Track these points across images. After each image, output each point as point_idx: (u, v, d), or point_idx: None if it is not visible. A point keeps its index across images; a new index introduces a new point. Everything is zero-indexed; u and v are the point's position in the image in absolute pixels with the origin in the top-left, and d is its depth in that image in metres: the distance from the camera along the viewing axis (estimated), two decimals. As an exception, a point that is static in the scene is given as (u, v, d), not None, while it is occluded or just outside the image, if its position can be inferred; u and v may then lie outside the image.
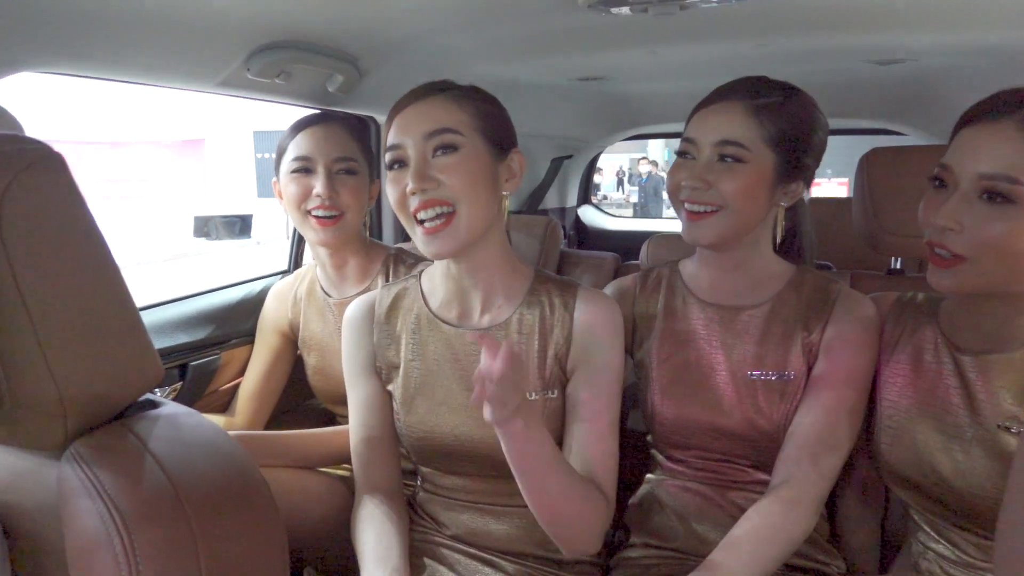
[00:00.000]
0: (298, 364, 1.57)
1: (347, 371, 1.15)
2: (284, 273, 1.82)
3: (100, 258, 0.66)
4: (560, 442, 1.04)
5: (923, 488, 0.98)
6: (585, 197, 3.53)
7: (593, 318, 1.04)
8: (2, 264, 0.58)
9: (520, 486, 0.92)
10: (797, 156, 1.05)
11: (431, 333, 1.08)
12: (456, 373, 1.06)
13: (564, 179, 3.14)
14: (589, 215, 3.50)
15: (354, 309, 1.15)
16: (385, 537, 1.02)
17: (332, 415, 1.60)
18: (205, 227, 11.11)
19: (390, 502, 1.09)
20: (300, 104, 1.51)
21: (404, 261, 1.46)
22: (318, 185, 1.34)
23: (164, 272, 9.65)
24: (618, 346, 1.06)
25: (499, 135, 1.02)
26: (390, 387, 1.12)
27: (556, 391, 1.04)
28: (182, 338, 1.48)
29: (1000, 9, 1.23)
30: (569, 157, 3.01)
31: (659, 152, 17.04)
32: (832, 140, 1.22)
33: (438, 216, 0.96)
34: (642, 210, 11.60)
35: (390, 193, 1.00)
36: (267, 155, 19.00)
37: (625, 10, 1.20)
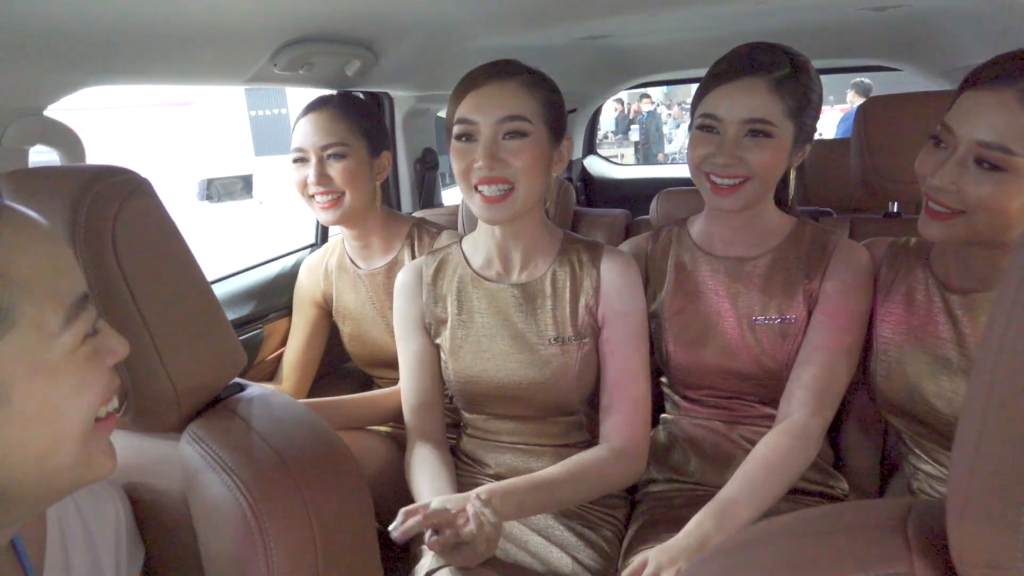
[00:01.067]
0: (334, 330, 1.68)
1: (399, 329, 1.28)
2: (313, 247, 1.92)
3: (190, 265, 0.77)
4: (596, 382, 1.21)
5: (914, 414, 1.08)
6: (590, 148, 3.58)
7: (616, 272, 1.18)
8: (118, 277, 0.69)
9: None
10: (808, 121, 1.13)
11: (475, 290, 1.22)
12: (498, 323, 1.20)
13: (569, 132, 3.19)
14: (595, 166, 3.55)
15: (404, 275, 1.28)
16: (439, 478, 1.14)
17: (368, 377, 1.72)
18: (208, 190, 11.08)
19: (439, 448, 1.22)
20: (320, 88, 1.57)
21: (427, 231, 1.55)
22: (310, 172, 1.44)
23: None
24: (640, 296, 1.20)
25: (558, 124, 1.15)
26: (438, 340, 1.25)
27: (588, 338, 1.18)
28: (229, 316, 1.59)
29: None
30: (573, 111, 3.05)
31: (655, 89, 16.73)
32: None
33: (499, 191, 1.09)
34: (644, 148, 11.53)
35: (455, 162, 1.12)
36: (261, 112, 18.77)
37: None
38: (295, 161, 1.48)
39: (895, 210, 1.69)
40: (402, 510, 0.96)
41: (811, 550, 0.45)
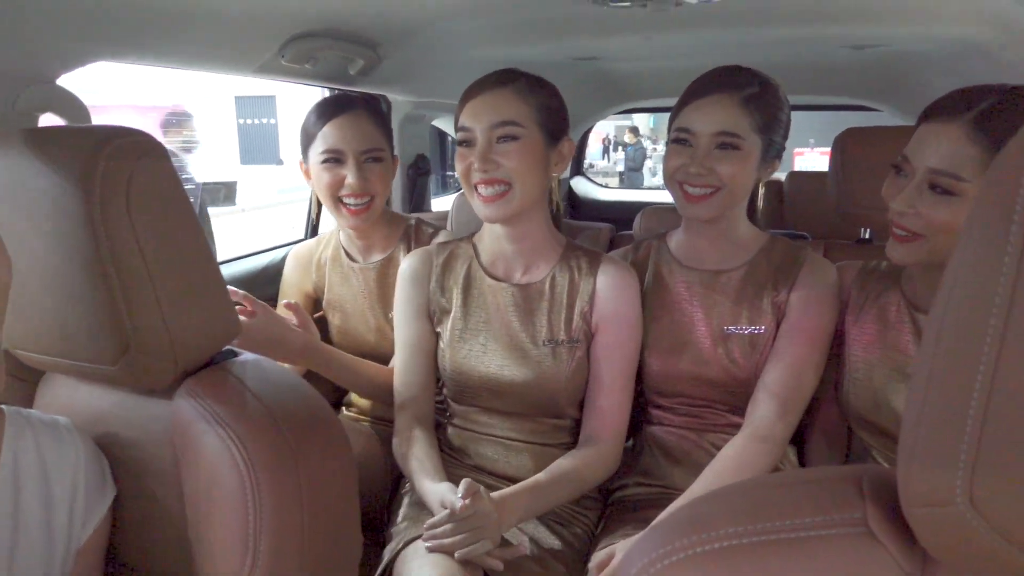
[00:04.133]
0: (320, 325, 1.70)
1: (400, 313, 1.32)
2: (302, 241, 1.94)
3: (195, 228, 0.79)
4: (586, 387, 1.25)
5: (886, 430, 1.12)
6: (577, 169, 3.65)
7: (613, 283, 1.23)
8: (129, 235, 0.71)
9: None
10: (776, 137, 1.20)
11: (479, 285, 1.27)
12: (497, 320, 1.24)
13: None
14: (581, 186, 3.62)
15: (413, 260, 1.33)
16: (431, 457, 1.20)
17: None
18: (191, 195, 11.01)
19: (428, 431, 1.27)
20: (322, 85, 1.61)
21: (424, 230, 1.58)
22: (349, 176, 1.43)
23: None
24: (635, 306, 1.24)
25: (555, 126, 1.20)
26: (439, 328, 1.29)
27: (581, 342, 1.22)
28: None
29: (960, 8, 1.37)
30: (562, 131, 3.11)
31: (642, 121, 17.08)
32: (816, 114, 1.33)
33: (495, 190, 1.16)
34: (628, 178, 11.72)
35: (458, 166, 1.19)
36: (249, 121, 18.75)
37: (625, 4, 1.32)
38: (326, 162, 1.44)
39: (867, 236, 1.76)
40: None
41: (772, 496, 0.49)
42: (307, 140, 1.49)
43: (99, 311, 0.73)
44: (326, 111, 1.46)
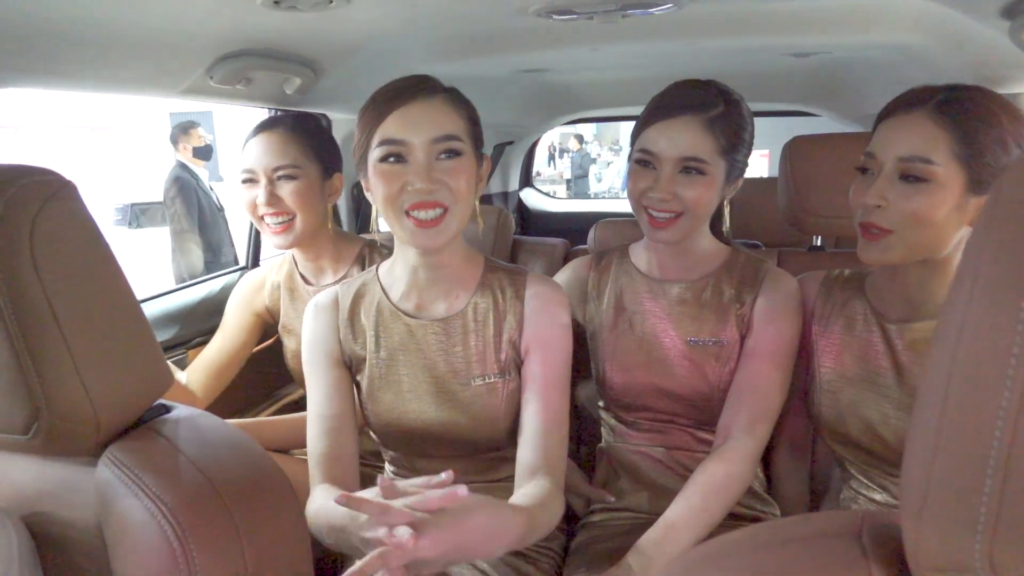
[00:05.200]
0: (276, 353, 1.61)
1: (310, 360, 1.14)
2: (243, 269, 1.85)
3: (116, 276, 0.71)
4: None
5: (859, 442, 1.11)
6: (526, 181, 3.63)
7: (542, 303, 1.11)
8: (35, 286, 0.63)
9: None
10: (740, 157, 1.18)
11: (393, 324, 1.12)
12: (419, 362, 1.11)
13: (506, 164, 3.23)
14: (531, 198, 3.60)
15: (319, 301, 1.16)
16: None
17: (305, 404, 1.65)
18: (129, 216, 10.61)
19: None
20: (257, 106, 1.53)
21: (379, 252, 1.52)
22: (260, 194, 1.41)
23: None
24: (567, 327, 1.12)
25: (480, 142, 1.09)
26: (358, 377, 1.15)
27: (513, 373, 1.11)
28: None
29: (898, 15, 1.39)
30: (510, 143, 3.09)
31: (586, 127, 17.27)
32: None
33: (433, 214, 1.01)
34: (576, 184, 11.81)
35: (382, 186, 1.00)
36: (186, 138, 18.13)
37: (571, 17, 1.29)
38: (244, 182, 1.44)
39: (818, 244, 1.77)
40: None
41: (771, 560, 0.45)
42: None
43: (4, 375, 0.64)
44: (250, 134, 1.45)
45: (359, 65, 1.54)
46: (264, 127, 1.44)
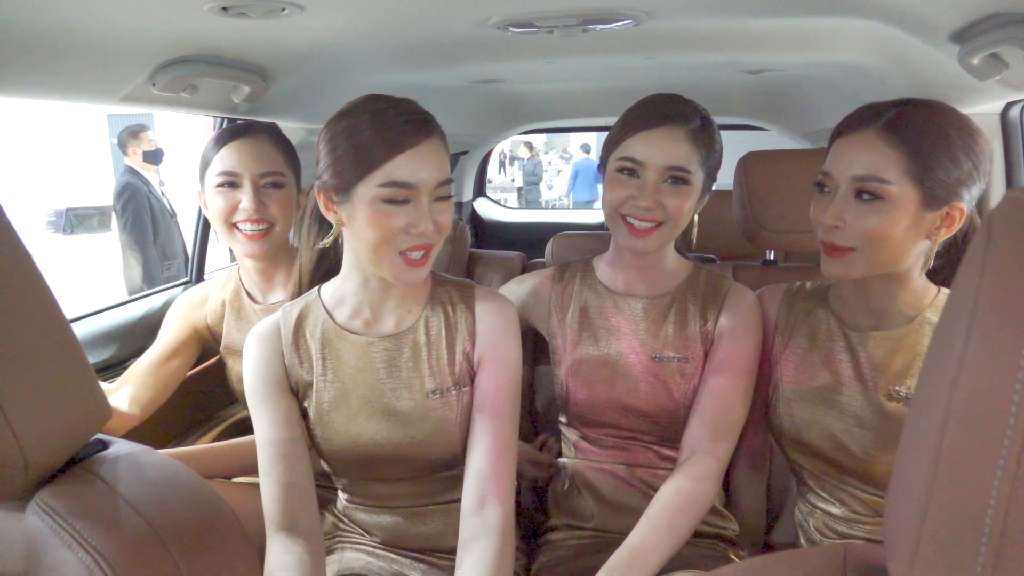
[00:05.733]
0: (215, 374, 1.54)
1: (255, 389, 1.08)
2: (187, 283, 1.77)
3: (45, 300, 0.65)
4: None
5: (821, 452, 1.12)
6: (480, 191, 3.60)
7: (493, 315, 1.11)
8: None
9: None
10: (714, 171, 1.19)
11: (341, 345, 1.09)
12: (369, 381, 1.08)
13: (460, 174, 3.20)
14: (485, 208, 3.58)
15: (259, 331, 1.11)
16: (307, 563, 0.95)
17: (250, 425, 1.58)
18: (62, 221, 10.14)
19: (310, 545, 0.98)
20: (204, 114, 1.47)
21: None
22: (245, 199, 1.35)
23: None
24: (516, 339, 1.12)
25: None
26: (305, 404, 1.11)
27: (468, 386, 1.10)
28: None
29: (850, 36, 1.42)
30: (464, 153, 3.06)
31: (536, 136, 17.40)
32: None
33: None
34: (527, 191, 11.86)
35: (381, 226, 0.97)
36: (125, 141, 17.49)
37: (530, 31, 1.27)
38: (221, 186, 1.36)
39: (771, 258, 1.80)
40: None
41: None
42: (204, 166, 1.40)
43: None
44: (224, 135, 1.38)
45: (311, 74, 1.49)
46: (245, 131, 1.39)
